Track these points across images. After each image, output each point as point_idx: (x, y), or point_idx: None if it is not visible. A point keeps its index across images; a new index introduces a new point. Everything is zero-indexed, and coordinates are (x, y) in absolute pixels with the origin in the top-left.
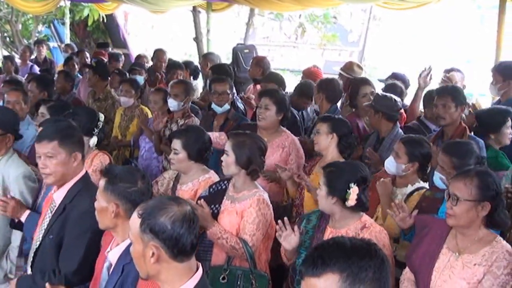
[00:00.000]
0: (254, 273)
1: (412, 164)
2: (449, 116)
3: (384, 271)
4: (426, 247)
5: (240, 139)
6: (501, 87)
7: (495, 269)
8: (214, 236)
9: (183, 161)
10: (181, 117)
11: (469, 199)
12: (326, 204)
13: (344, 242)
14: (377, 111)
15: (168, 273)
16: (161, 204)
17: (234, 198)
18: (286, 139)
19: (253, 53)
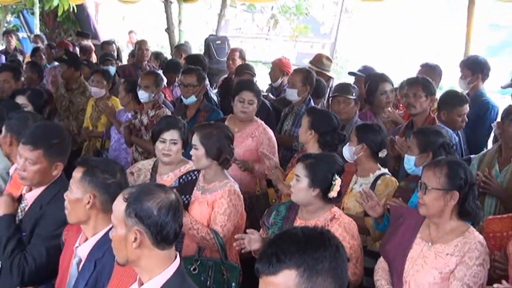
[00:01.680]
0: (225, 264)
1: (361, 146)
2: (419, 105)
3: (340, 259)
4: (401, 236)
5: (207, 130)
6: (470, 81)
7: (467, 260)
8: (185, 227)
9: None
10: (152, 108)
11: (437, 187)
12: (306, 196)
13: (297, 234)
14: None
15: (148, 260)
16: (148, 189)
17: (205, 189)
18: (257, 129)
19: (225, 44)
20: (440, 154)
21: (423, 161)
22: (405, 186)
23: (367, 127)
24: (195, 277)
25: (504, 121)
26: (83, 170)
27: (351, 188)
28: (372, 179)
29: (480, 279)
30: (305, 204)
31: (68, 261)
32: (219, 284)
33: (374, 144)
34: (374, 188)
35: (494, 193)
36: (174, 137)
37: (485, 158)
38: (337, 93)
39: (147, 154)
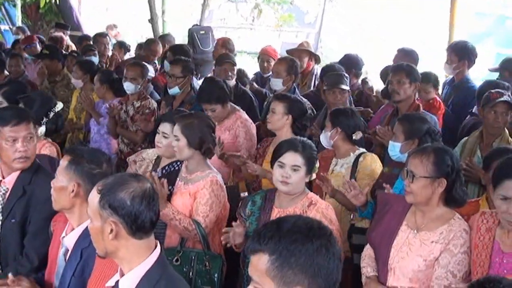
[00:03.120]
0: (208, 254)
1: (335, 129)
2: (403, 92)
3: (321, 259)
4: (387, 224)
5: (188, 121)
6: (456, 67)
7: (452, 247)
8: (167, 218)
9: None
10: (137, 99)
11: (425, 175)
12: (302, 183)
13: (287, 223)
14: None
15: (126, 250)
16: (121, 180)
17: (187, 180)
18: (235, 122)
19: (209, 34)
20: (426, 140)
21: (408, 148)
22: (388, 171)
23: (339, 111)
24: (178, 268)
25: (484, 108)
26: (69, 159)
27: (332, 170)
28: (353, 158)
29: (464, 266)
30: (297, 192)
31: (56, 252)
32: (202, 275)
33: (347, 127)
34: (357, 166)
35: (477, 180)
36: (165, 130)
37: (467, 145)
38: (333, 85)
39: (133, 145)
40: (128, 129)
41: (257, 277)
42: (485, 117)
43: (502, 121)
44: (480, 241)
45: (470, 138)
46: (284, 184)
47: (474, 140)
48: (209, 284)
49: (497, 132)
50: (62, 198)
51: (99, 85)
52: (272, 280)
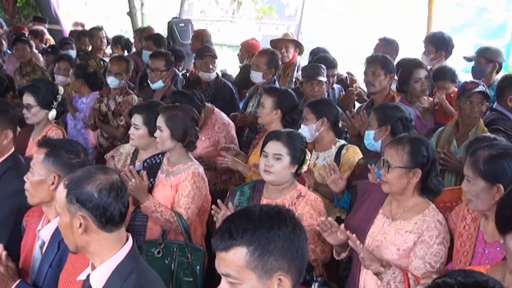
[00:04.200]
0: (190, 246)
1: (321, 120)
2: (378, 83)
3: (296, 240)
4: (364, 211)
5: (172, 112)
6: (433, 58)
7: (427, 239)
8: (148, 210)
9: (143, 137)
10: (119, 94)
11: (400, 165)
12: (287, 174)
13: (253, 212)
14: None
15: (97, 244)
16: (88, 173)
17: (169, 172)
18: (212, 128)
19: (188, 27)
20: (398, 127)
21: (382, 135)
22: (364, 163)
23: (320, 101)
24: (159, 260)
25: (460, 98)
26: (45, 151)
27: (314, 164)
28: (334, 150)
29: (441, 257)
30: (282, 183)
31: (30, 246)
32: (184, 267)
33: (332, 116)
34: (340, 158)
35: (454, 169)
36: (136, 122)
37: (443, 134)
38: (310, 77)
39: (112, 140)
40: (108, 123)
41: (235, 272)
42: (461, 108)
43: (478, 111)
44: (465, 231)
45: (446, 128)
46: (267, 173)
47: (450, 130)
48: (191, 276)
49: (473, 122)
50: (41, 192)
51: (74, 79)
52: (253, 271)
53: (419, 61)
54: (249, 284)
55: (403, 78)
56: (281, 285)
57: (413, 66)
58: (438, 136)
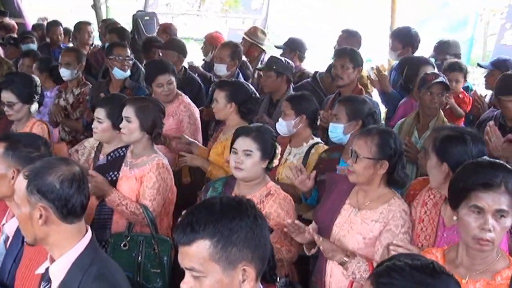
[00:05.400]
0: (156, 238)
1: (300, 117)
2: (346, 77)
3: (258, 229)
4: (331, 202)
5: (142, 103)
6: (400, 53)
7: (393, 228)
8: (113, 203)
9: (106, 131)
10: (76, 86)
11: (368, 156)
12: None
13: (214, 204)
14: (280, 74)
15: (57, 236)
16: (49, 164)
17: (133, 164)
18: (178, 107)
19: (154, 20)
20: (369, 122)
21: (352, 129)
22: (327, 157)
23: (300, 97)
24: (126, 253)
25: (420, 90)
26: (5, 145)
27: (285, 159)
28: (305, 148)
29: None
30: (254, 179)
31: None
32: (151, 259)
33: (312, 113)
34: (308, 157)
35: (415, 159)
36: (99, 116)
37: (404, 126)
38: (261, 68)
39: (74, 133)
40: (69, 117)
41: (199, 265)
42: (421, 98)
43: (438, 101)
44: (427, 215)
45: (407, 119)
46: (238, 170)
47: (410, 121)
48: (159, 268)
49: (433, 113)
50: (2, 187)
51: (38, 73)
52: (217, 263)
53: (425, 58)
54: (213, 276)
55: (409, 76)
56: (246, 275)
57: (420, 63)
58: (399, 128)
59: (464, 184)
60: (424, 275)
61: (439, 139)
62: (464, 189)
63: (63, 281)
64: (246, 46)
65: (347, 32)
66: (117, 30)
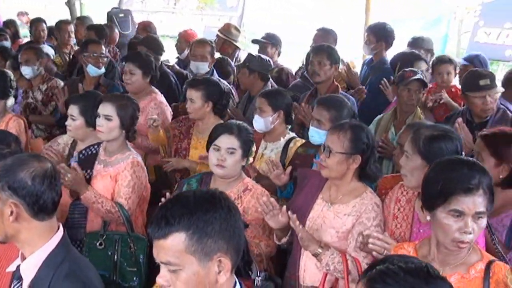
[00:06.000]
0: (132, 236)
1: (277, 113)
2: (323, 73)
3: (232, 220)
4: (304, 197)
5: (122, 101)
6: (374, 48)
7: (365, 221)
8: (89, 201)
9: (80, 128)
10: (42, 82)
11: (341, 151)
12: (238, 167)
13: (188, 197)
14: (252, 71)
15: (28, 233)
16: (20, 160)
17: (107, 162)
18: (149, 103)
19: (128, 17)
20: None
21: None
22: (303, 152)
23: (276, 93)
24: (102, 252)
25: (398, 86)
26: None
27: (261, 154)
28: (283, 143)
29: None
30: (234, 175)
31: None
32: (127, 258)
33: (288, 108)
34: (287, 151)
35: (391, 156)
36: (72, 113)
37: (382, 122)
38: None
39: (49, 130)
40: (40, 114)
41: (175, 259)
42: (399, 95)
43: (416, 98)
44: (400, 212)
45: (384, 115)
46: (220, 167)
47: (388, 118)
48: (135, 266)
49: (410, 109)
50: None
51: (12, 71)
52: (192, 255)
53: (418, 54)
54: (190, 268)
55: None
56: (221, 266)
57: (413, 59)
58: (377, 124)
59: (442, 188)
60: (418, 280)
61: (423, 139)
62: (442, 193)
63: (34, 279)
64: (220, 43)
65: (323, 30)
66: (95, 28)
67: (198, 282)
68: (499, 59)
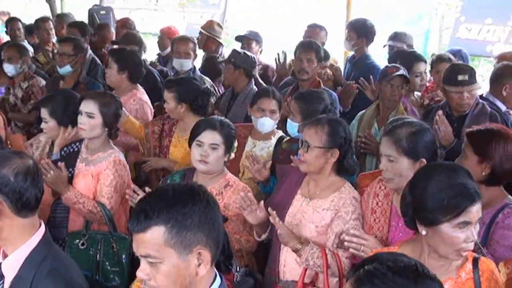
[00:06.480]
0: (115, 236)
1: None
2: (311, 71)
3: (211, 213)
4: (283, 193)
5: (105, 99)
6: (355, 44)
7: (344, 215)
8: (70, 201)
9: (53, 130)
10: (24, 80)
11: (319, 146)
12: (221, 163)
13: (167, 191)
14: (237, 67)
15: (10, 230)
16: (3, 157)
17: (89, 161)
18: (129, 99)
19: (110, 15)
20: None
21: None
22: (288, 147)
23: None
24: (84, 252)
25: (381, 82)
26: None
27: (251, 152)
28: (274, 141)
29: None
30: (216, 171)
31: None
32: (110, 257)
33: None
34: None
35: (375, 151)
36: (43, 115)
37: (364, 117)
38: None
39: (28, 128)
40: (20, 111)
41: (154, 252)
42: (382, 91)
43: (398, 94)
44: (379, 207)
45: (367, 111)
46: (203, 163)
47: (370, 113)
48: (118, 266)
49: (393, 105)
50: None
51: None
52: (172, 248)
53: (419, 55)
54: (169, 261)
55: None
56: (201, 258)
57: (413, 60)
58: (359, 119)
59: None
60: (407, 281)
61: (406, 139)
62: (452, 208)
63: (16, 277)
64: (203, 39)
65: (315, 26)
66: (78, 25)
67: (178, 275)
68: (480, 54)
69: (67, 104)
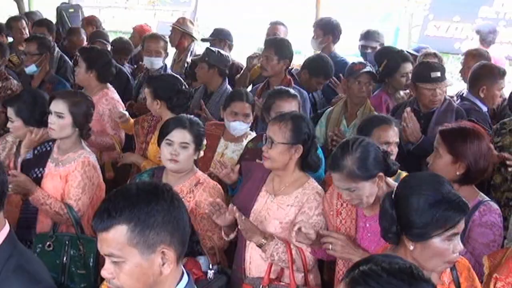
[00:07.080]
0: (82, 238)
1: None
2: (270, 68)
3: (175, 212)
4: (248, 190)
5: (75, 98)
6: (321, 42)
7: (307, 210)
8: (37, 202)
9: (19, 129)
10: None
11: (282, 142)
12: (191, 161)
13: (130, 190)
14: (211, 66)
15: None
16: None
17: (59, 161)
18: (100, 98)
19: (79, 13)
20: None
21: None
22: (253, 146)
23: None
24: (51, 254)
25: (348, 79)
26: None
27: (222, 153)
28: (245, 143)
29: (320, 227)
30: (186, 170)
31: None
32: (76, 260)
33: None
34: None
35: None
36: (9, 115)
37: (332, 115)
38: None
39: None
40: None
41: (117, 251)
42: (349, 88)
43: (366, 90)
44: (344, 208)
45: (334, 108)
46: (173, 162)
47: (338, 110)
48: (84, 269)
49: (361, 101)
50: None
51: None
52: (135, 247)
53: (406, 55)
54: (132, 261)
55: (388, 70)
56: (165, 258)
57: (401, 60)
58: (327, 117)
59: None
60: (401, 282)
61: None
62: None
63: None
64: (177, 36)
65: (276, 24)
66: (45, 23)
67: (141, 274)
68: (448, 51)
69: (34, 104)
